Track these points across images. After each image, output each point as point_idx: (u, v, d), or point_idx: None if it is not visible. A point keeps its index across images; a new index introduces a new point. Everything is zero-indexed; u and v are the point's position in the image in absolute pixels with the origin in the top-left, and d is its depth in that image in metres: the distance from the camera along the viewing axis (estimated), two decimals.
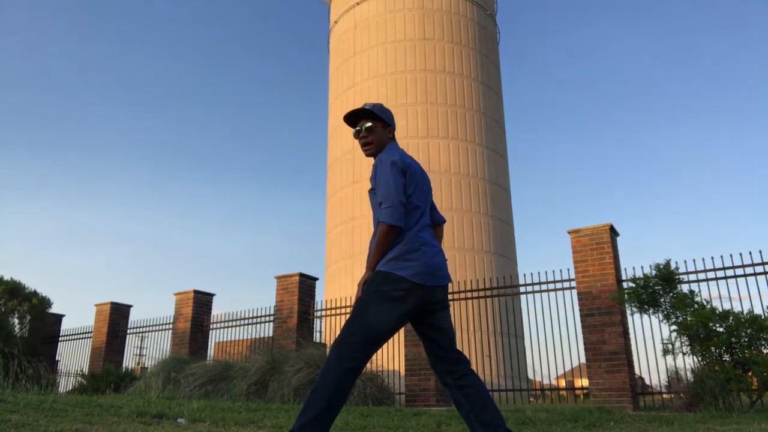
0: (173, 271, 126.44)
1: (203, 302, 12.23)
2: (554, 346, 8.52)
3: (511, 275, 12.96)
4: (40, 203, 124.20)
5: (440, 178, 20.63)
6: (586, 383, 8.41)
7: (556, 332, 52.43)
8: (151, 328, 12.84)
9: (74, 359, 13.95)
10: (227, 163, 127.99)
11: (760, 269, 7.20)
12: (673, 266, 7.24)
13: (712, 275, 7.47)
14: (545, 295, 8.56)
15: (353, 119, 2.65)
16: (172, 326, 12.23)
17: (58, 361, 14.40)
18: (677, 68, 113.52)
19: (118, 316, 13.38)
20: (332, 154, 23.62)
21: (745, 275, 7.26)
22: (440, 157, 21.03)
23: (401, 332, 9.53)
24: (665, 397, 8.07)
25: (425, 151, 20.96)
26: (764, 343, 6.40)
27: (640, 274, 7.38)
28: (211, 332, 12.08)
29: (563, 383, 17.46)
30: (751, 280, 7.21)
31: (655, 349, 7.40)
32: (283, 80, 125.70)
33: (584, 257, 8.06)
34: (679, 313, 6.92)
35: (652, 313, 7.21)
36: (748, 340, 6.43)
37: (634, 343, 7.73)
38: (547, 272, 8.59)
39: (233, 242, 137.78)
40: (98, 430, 3.48)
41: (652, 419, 5.35)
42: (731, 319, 6.51)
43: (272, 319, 10.93)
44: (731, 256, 7.38)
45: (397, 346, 9.64)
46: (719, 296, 7.42)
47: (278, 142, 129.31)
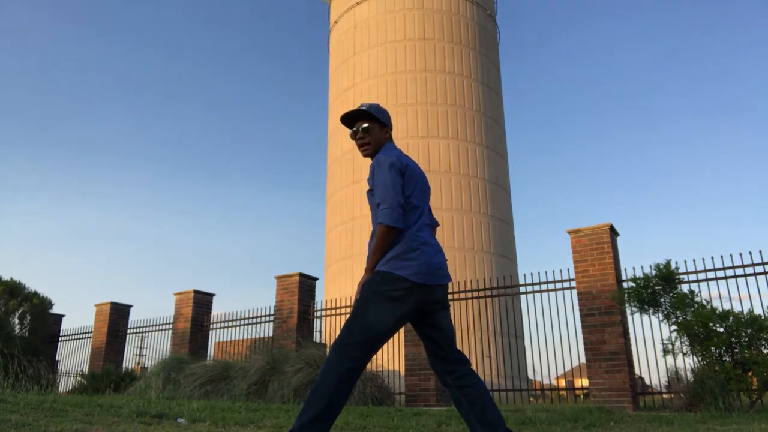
0: (173, 271, 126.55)
1: (203, 302, 12.24)
2: (554, 346, 8.52)
3: (511, 275, 12.97)
4: (40, 203, 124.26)
5: (440, 178, 20.63)
6: (586, 383, 8.41)
7: (556, 332, 52.45)
8: (151, 328, 12.85)
9: (74, 359, 13.97)
10: (227, 163, 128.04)
11: (760, 269, 7.21)
12: (673, 266, 7.24)
13: (712, 275, 7.47)
14: (545, 295, 8.58)
15: (350, 120, 2.64)
16: (172, 326, 12.24)
17: (58, 361, 14.41)
18: (677, 68, 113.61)
19: (118, 316, 13.39)
20: (332, 154, 23.62)
21: (745, 275, 7.27)
22: (440, 157, 21.03)
23: (401, 332, 9.53)
24: (665, 397, 8.08)
25: (425, 151, 20.96)
26: (764, 343, 6.40)
27: (640, 274, 7.39)
28: (211, 332, 12.09)
29: (563, 383, 17.46)
30: (751, 280, 7.22)
31: (655, 349, 7.41)
32: (283, 80, 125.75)
33: (584, 257, 8.06)
34: (679, 313, 6.93)
35: (652, 313, 7.21)
36: (748, 340, 6.43)
37: (634, 343, 7.74)
38: (547, 272, 8.60)
39: (233, 242, 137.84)
40: (98, 430, 3.48)
41: (652, 419, 5.35)
42: (731, 319, 6.51)
43: (272, 319, 10.94)
44: (731, 256, 7.39)
45: (397, 346, 9.64)
46: (719, 296, 7.42)
47: (278, 142, 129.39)
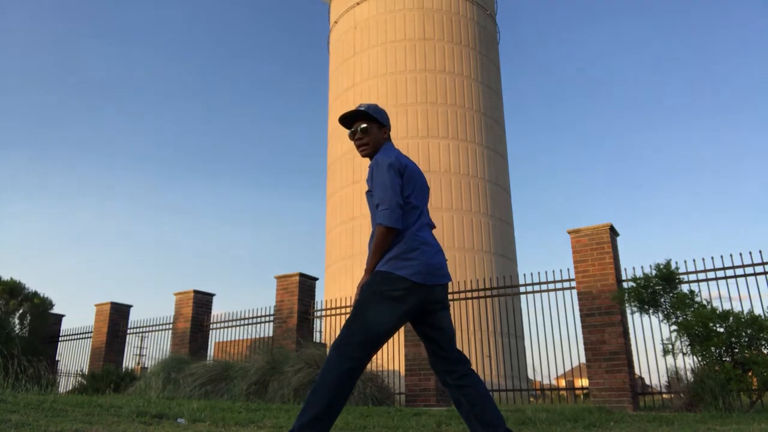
0: (173, 271, 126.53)
1: (203, 302, 12.24)
2: (554, 346, 8.52)
3: (511, 275, 12.97)
4: (40, 203, 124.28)
5: (440, 178, 20.63)
6: (586, 383, 8.41)
7: (556, 332, 52.43)
8: (151, 328, 12.85)
9: (74, 359, 13.97)
10: (227, 163, 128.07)
11: (760, 269, 7.21)
12: (673, 266, 7.24)
13: (712, 275, 7.47)
14: (545, 295, 8.58)
15: (348, 121, 2.64)
16: (172, 326, 12.24)
17: (58, 361, 14.41)
18: (677, 68, 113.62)
19: (118, 316, 13.39)
20: (332, 154, 23.62)
21: (745, 275, 7.27)
22: (440, 157, 21.02)
23: (401, 332, 9.53)
24: (665, 397, 8.08)
25: (425, 151, 20.96)
26: (764, 343, 6.40)
27: (640, 274, 7.39)
28: (211, 332, 12.08)
29: (563, 383, 17.46)
30: (751, 280, 7.22)
31: (655, 349, 7.41)
32: (283, 80, 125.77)
33: (584, 257, 8.06)
34: (679, 313, 6.93)
35: (652, 313, 7.21)
36: (748, 340, 6.43)
37: (634, 343, 7.74)
38: (547, 272, 8.60)
39: (233, 242, 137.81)
40: (98, 430, 3.48)
41: (652, 419, 5.35)
42: (731, 319, 6.51)
43: (272, 319, 10.93)
44: (731, 256, 7.39)
45: (397, 346, 9.64)
46: (719, 296, 7.42)
47: (278, 142, 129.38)
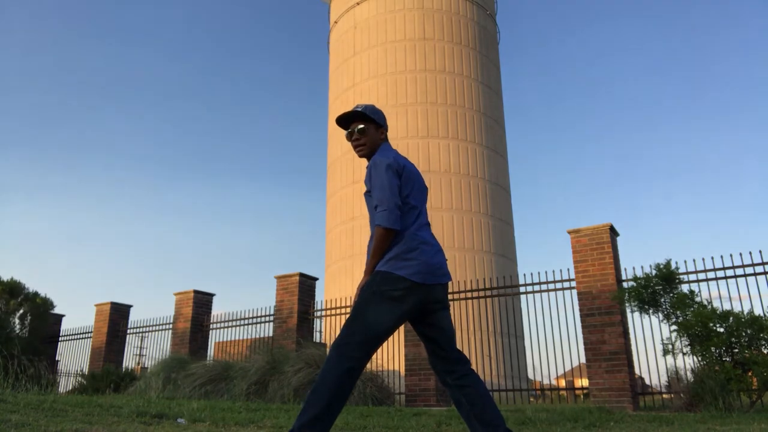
0: (173, 271, 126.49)
1: (203, 302, 12.24)
2: (554, 346, 8.52)
3: (511, 275, 12.97)
4: (40, 203, 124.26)
5: (440, 178, 20.63)
6: (586, 383, 8.41)
7: (556, 332, 52.42)
8: (151, 328, 12.84)
9: (74, 359, 13.97)
10: (227, 163, 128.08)
11: (760, 269, 7.21)
12: (673, 266, 7.24)
13: (712, 275, 7.47)
14: (545, 295, 8.58)
15: (345, 122, 2.64)
16: (172, 326, 12.24)
17: (58, 361, 14.41)
18: (677, 68, 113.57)
19: (118, 316, 13.39)
20: (332, 154, 23.62)
21: (745, 275, 7.27)
22: (440, 157, 21.02)
23: (401, 332, 9.53)
24: (665, 397, 8.08)
25: (425, 151, 20.95)
26: (764, 343, 6.40)
27: (640, 274, 7.39)
28: (211, 332, 12.08)
29: (563, 383, 17.45)
30: (751, 280, 7.22)
31: (655, 349, 7.41)
32: (283, 80, 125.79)
33: (584, 257, 8.06)
34: (679, 313, 6.92)
35: (652, 313, 7.21)
36: (748, 340, 6.43)
37: (634, 343, 7.74)
38: (547, 272, 8.60)
39: (233, 242, 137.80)
40: (98, 430, 3.48)
41: (652, 419, 5.35)
42: (731, 319, 6.51)
43: (272, 319, 10.93)
44: (731, 256, 7.39)
45: (397, 346, 9.64)
46: (719, 296, 7.42)
47: (278, 142, 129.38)
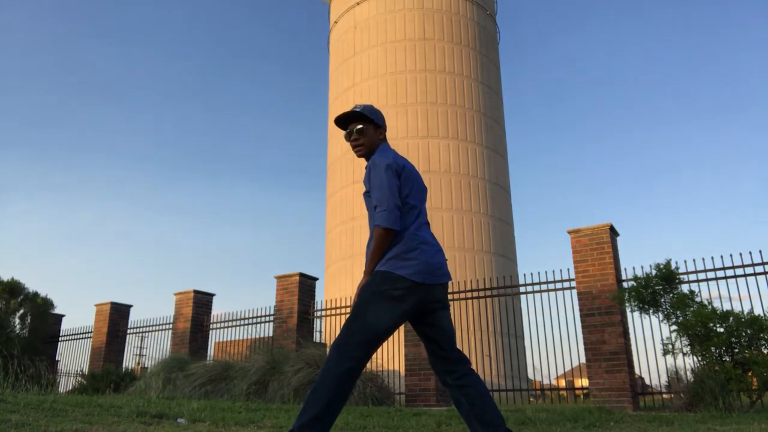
0: (173, 271, 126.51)
1: (203, 302, 12.24)
2: (554, 346, 8.52)
3: (511, 275, 12.97)
4: (40, 203, 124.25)
5: (440, 178, 20.62)
6: (586, 383, 8.41)
7: (556, 332, 52.46)
8: (151, 328, 12.84)
9: (74, 359, 13.97)
10: (227, 163, 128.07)
11: (760, 269, 7.21)
12: (673, 266, 7.24)
13: (712, 275, 7.47)
14: (545, 295, 8.58)
15: (344, 122, 2.64)
16: (172, 326, 12.23)
17: (58, 361, 14.41)
18: (677, 68, 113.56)
19: (118, 316, 13.38)
20: (332, 154, 23.61)
21: (745, 275, 7.27)
22: (440, 157, 21.02)
23: (401, 332, 9.53)
24: (665, 397, 8.07)
25: (425, 151, 20.95)
26: (764, 343, 6.40)
27: (640, 273, 7.39)
28: (211, 332, 12.08)
29: (563, 383, 17.45)
30: (751, 280, 7.22)
31: (655, 349, 7.41)
32: (283, 80, 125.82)
33: (584, 257, 8.06)
34: (679, 313, 6.92)
35: (652, 313, 7.21)
36: (748, 340, 6.43)
37: (634, 343, 7.74)
38: (547, 272, 8.60)
39: (233, 242, 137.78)
40: (98, 430, 3.48)
41: (652, 419, 5.35)
42: (731, 319, 6.51)
43: (272, 319, 10.93)
44: (731, 256, 7.39)
45: (397, 346, 9.64)
46: (719, 296, 7.42)
47: (278, 142, 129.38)
